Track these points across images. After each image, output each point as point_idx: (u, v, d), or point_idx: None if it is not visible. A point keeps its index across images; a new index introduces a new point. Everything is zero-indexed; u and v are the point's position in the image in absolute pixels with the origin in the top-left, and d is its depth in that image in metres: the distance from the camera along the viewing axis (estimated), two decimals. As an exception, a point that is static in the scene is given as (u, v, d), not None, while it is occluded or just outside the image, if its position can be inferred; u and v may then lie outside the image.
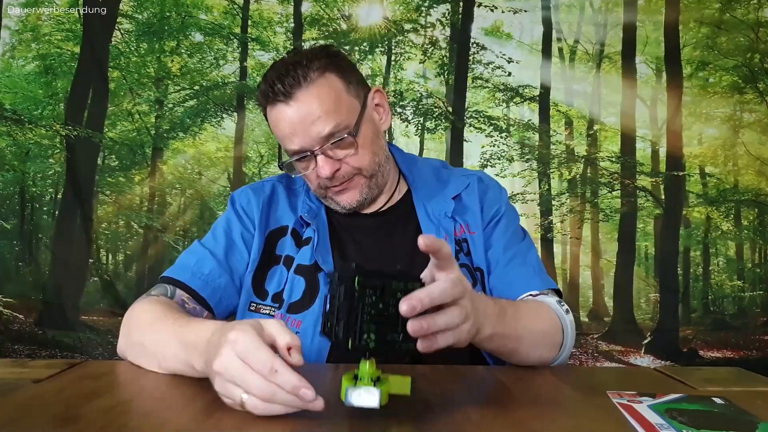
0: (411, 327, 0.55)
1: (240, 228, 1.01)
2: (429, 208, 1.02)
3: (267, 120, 0.99)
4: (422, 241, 0.59)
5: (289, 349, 0.59)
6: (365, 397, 0.56)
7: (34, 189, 3.27)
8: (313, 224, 0.99)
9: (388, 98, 1.67)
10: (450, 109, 3.40)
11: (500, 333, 0.73)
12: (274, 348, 0.59)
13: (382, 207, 1.04)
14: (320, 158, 0.91)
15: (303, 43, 3.33)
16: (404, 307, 0.54)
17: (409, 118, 3.48)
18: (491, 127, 3.41)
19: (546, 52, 3.38)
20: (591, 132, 3.43)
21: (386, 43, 3.41)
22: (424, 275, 0.63)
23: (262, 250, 1.00)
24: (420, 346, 0.57)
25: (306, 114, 0.90)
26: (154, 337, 0.77)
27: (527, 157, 3.40)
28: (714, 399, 0.67)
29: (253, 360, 0.56)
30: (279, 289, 0.97)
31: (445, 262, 0.62)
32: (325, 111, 0.90)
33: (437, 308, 0.57)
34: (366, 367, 0.58)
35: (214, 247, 0.99)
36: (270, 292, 0.97)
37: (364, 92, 0.96)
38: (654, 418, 0.59)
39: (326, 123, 0.89)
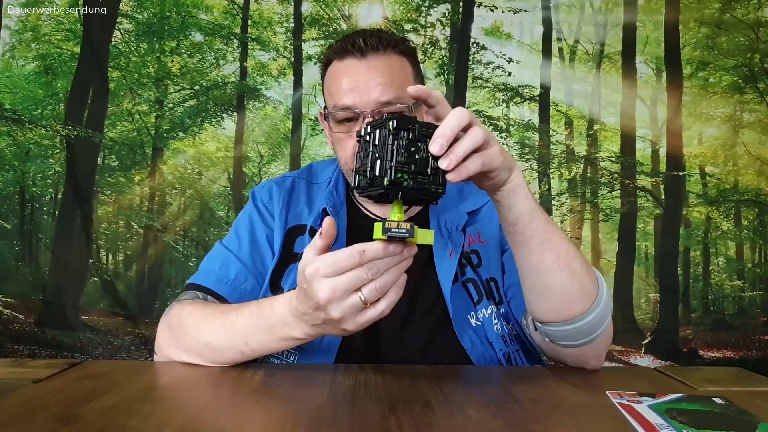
0: (443, 163, 0.59)
1: (263, 227, 1.01)
2: (442, 220, 1.01)
3: (323, 78, 1.00)
4: (411, 91, 0.63)
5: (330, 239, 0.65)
6: (402, 226, 0.61)
7: (34, 189, 3.27)
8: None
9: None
10: (450, 109, 3.40)
11: (529, 195, 0.70)
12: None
13: None
14: (368, 120, 0.90)
15: (303, 43, 3.33)
16: (435, 147, 0.59)
17: (409, 118, 3.48)
18: (491, 127, 3.41)
19: (546, 52, 3.38)
20: (591, 132, 3.42)
21: (386, 43, 3.41)
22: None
23: (281, 246, 0.99)
24: (451, 176, 0.60)
25: (373, 76, 0.92)
26: (222, 332, 0.78)
27: (527, 157, 3.40)
28: (714, 399, 0.67)
29: (341, 265, 0.62)
30: (293, 287, 0.96)
31: (442, 106, 0.65)
32: (390, 81, 0.92)
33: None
34: (396, 208, 0.63)
35: (238, 249, 0.98)
36: (285, 290, 0.96)
37: None
38: (654, 418, 0.59)
39: (387, 92, 0.91)
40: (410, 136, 0.59)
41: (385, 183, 0.58)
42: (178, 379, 0.75)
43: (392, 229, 0.61)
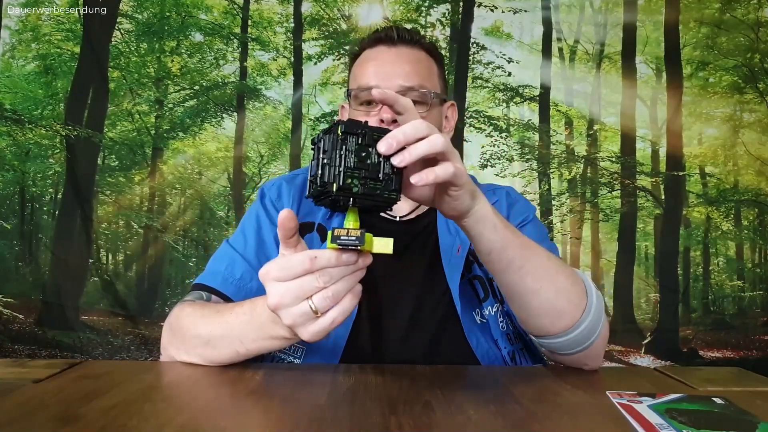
0: (395, 160, 0.57)
1: (270, 225, 1.00)
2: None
3: (350, 67, 1.03)
4: (375, 93, 0.62)
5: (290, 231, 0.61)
6: (352, 233, 0.58)
7: (34, 189, 3.27)
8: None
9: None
10: (450, 109, 3.40)
11: (500, 225, 0.69)
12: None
13: (408, 214, 1.03)
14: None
15: (303, 43, 3.33)
16: (382, 146, 0.57)
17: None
18: (491, 127, 3.41)
19: (546, 52, 3.38)
20: (591, 132, 3.42)
21: (386, 43, 3.41)
22: None
23: None
24: (415, 179, 0.58)
25: (400, 62, 0.95)
26: (218, 332, 0.78)
27: (527, 157, 3.40)
28: (714, 399, 0.67)
29: (292, 270, 0.59)
30: None
31: (410, 114, 0.63)
32: (415, 71, 0.95)
33: None
34: (351, 216, 0.61)
35: (244, 248, 0.97)
36: None
37: (444, 95, 1.04)
38: (654, 418, 0.59)
39: (411, 78, 0.94)
40: (360, 141, 0.57)
41: (334, 189, 0.56)
42: (178, 379, 0.75)
43: (341, 237, 0.58)
